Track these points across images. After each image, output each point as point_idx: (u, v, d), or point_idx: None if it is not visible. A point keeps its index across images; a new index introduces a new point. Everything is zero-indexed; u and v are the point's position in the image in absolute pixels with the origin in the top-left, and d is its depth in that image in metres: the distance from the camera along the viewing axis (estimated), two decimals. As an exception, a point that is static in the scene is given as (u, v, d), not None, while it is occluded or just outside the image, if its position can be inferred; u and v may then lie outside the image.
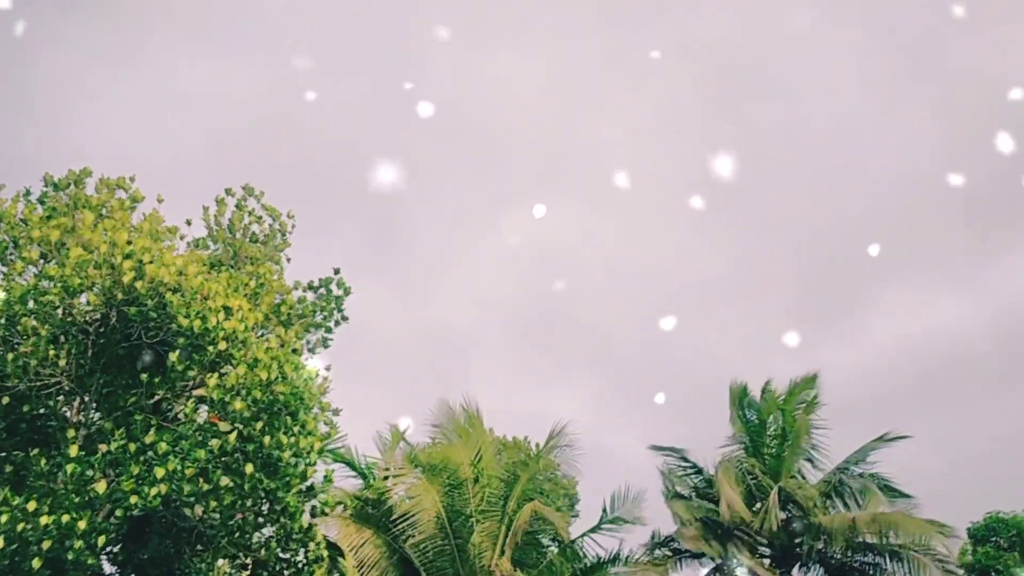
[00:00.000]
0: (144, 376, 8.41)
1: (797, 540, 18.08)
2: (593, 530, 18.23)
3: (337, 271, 11.23)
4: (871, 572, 18.54)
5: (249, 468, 8.11)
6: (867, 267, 43.85)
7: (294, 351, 9.06)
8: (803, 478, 19.34)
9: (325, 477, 10.27)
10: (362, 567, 17.84)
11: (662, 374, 41.51)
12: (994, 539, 19.71)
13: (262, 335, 9.73)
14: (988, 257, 43.08)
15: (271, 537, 10.00)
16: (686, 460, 19.82)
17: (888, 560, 18.25)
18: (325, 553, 10.31)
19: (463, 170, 43.08)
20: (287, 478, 8.49)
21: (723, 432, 20.58)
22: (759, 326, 45.16)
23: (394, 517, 16.98)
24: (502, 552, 17.26)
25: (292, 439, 8.41)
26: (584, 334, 42.68)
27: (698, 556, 19.38)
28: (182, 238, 10.15)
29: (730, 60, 41.58)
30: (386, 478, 19.54)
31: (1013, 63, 36.71)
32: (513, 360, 44.29)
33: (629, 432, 41.99)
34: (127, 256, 8.57)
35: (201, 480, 7.93)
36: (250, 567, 10.04)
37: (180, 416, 8.77)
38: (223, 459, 8.06)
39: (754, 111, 41.82)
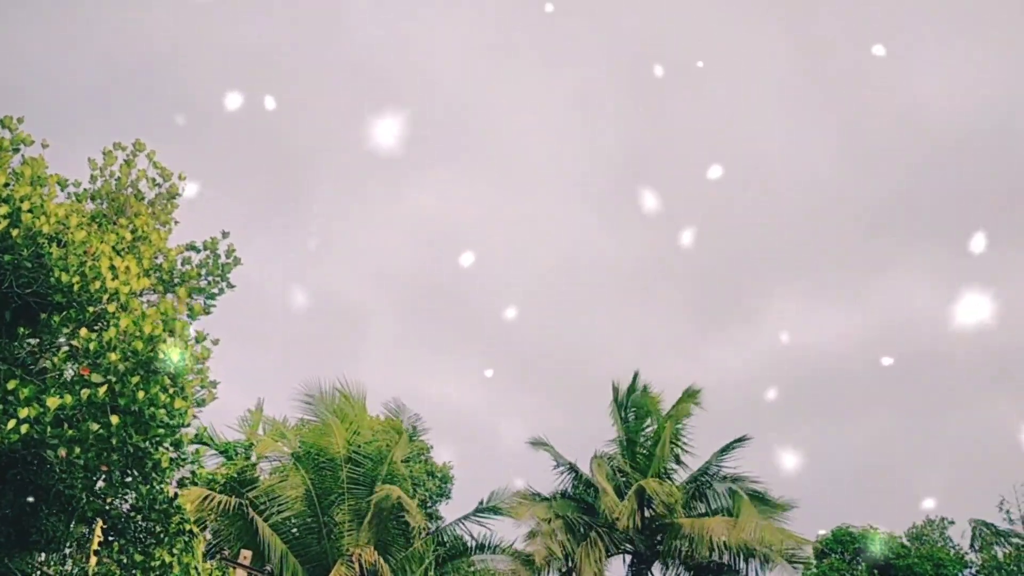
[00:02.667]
0: (19, 330, 8.39)
1: (659, 539, 19.48)
2: (465, 518, 19.03)
3: (226, 234, 11.15)
4: (728, 574, 20.20)
5: (115, 419, 7.97)
6: (763, 274, 46.49)
7: (182, 315, 9.18)
8: (670, 479, 20.76)
9: (197, 437, 10.26)
10: (219, 543, 18.05)
11: (554, 363, 42.79)
12: (840, 551, 21.77)
13: (146, 300, 9.78)
14: (873, 274, 46.37)
15: (134, 506, 10.09)
16: (560, 457, 20.90)
17: (745, 562, 19.93)
18: (189, 527, 10.38)
19: (373, 134, 42.82)
20: (157, 437, 8.42)
21: (606, 428, 21.81)
22: (656, 322, 47.08)
23: (256, 493, 17.21)
24: (367, 535, 17.84)
25: (168, 398, 8.39)
26: (481, 316, 43.47)
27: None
28: (63, 188, 10.04)
29: (649, 54, 43.02)
30: (248, 457, 19.73)
31: (916, 87, 39.75)
32: (406, 336, 44.58)
33: (518, 419, 43.25)
34: (3, 200, 8.53)
35: (66, 425, 7.82)
36: (109, 534, 10.12)
37: (47, 367, 8.72)
38: (92, 410, 7.94)
39: (667, 107, 43.47)
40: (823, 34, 42.75)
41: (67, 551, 11.24)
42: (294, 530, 17.45)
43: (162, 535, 10.38)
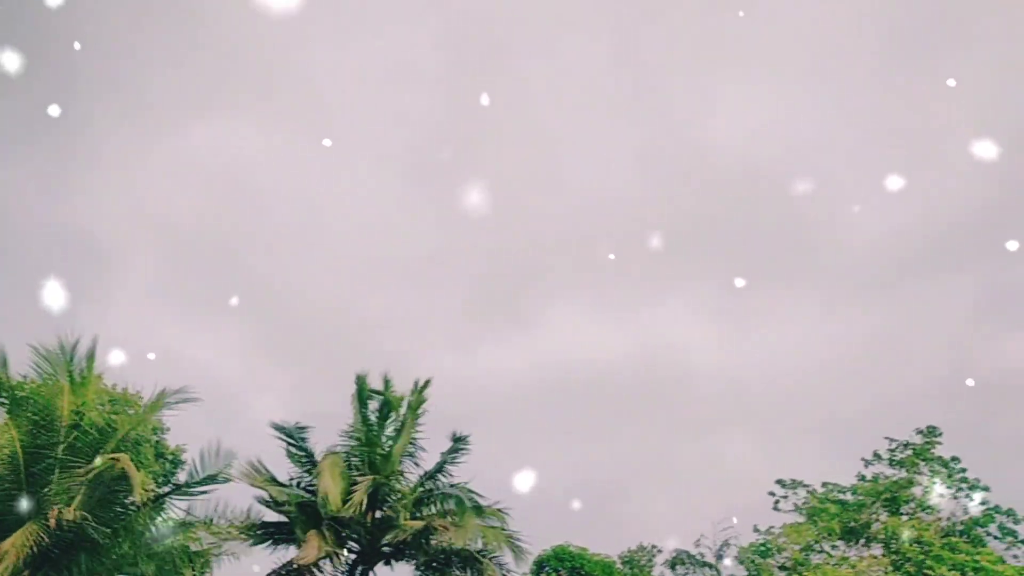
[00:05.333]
0: None
1: (386, 537, 20.56)
2: (181, 489, 19.07)
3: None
4: (450, 572, 21.62)
5: None
6: (547, 281, 49.05)
7: None
8: (404, 478, 21.90)
9: None
10: None
11: (317, 339, 42.86)
12: (558, 569, 23.96)
13: None
14: (651, 296, 50.33)
15: None
16: (300, 445, 21.41)
17: (469, 564, 21.43)
18: None
19: (165, 65, 40.78)
20: None
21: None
22: (438, 312, 48.34)
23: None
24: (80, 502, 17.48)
25: None
26: (247, 278, 42.58)
27: (292, 541, 21.09)
28: None
29: (476, 37, 44.12)
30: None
31: (712, 122, 43.59)
32: (166, 289, 42.82)
33: (276, 396, 42.90)
34: None
35: None
36: None
37: None
38: None
39: (481, 99, 44.72)
40: (646, 58, 45.81)
41: None
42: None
43: None
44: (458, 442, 21.58)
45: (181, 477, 22.36)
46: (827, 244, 44.75)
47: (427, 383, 21.62)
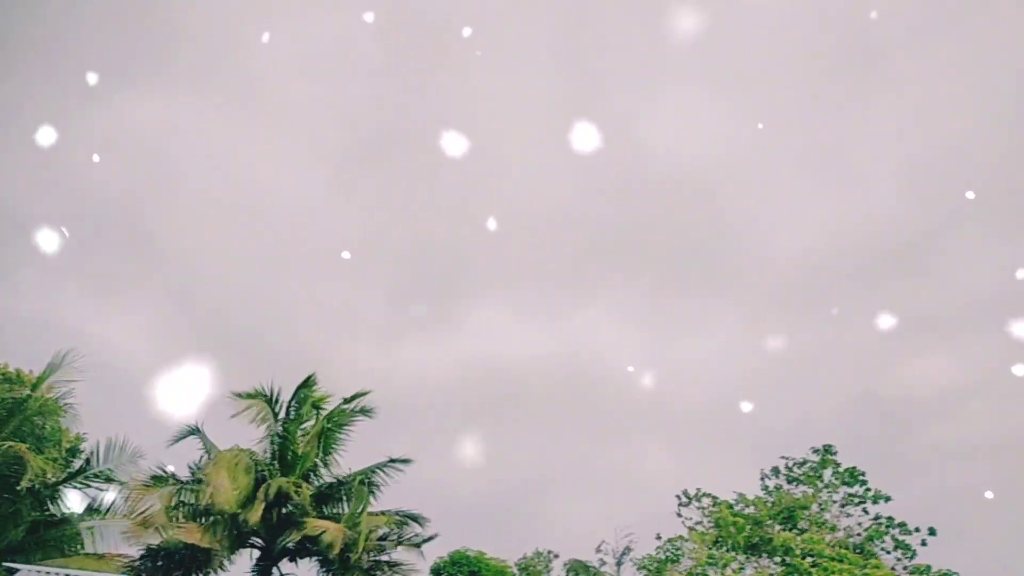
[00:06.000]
0: None
1: (288, 537, 20.39)
2: (71, 479, 18.62)
3: None
4: (353, 571, 21.54)
5: None
6: (474, 279, 49.16)
7: None
8: (317, 479, 21.76)
9: None
10: None
11: (235, 326, 42.15)
12: (455, 572, 24.14)
13: None
14: (578, 300, 50.77)
15: None
16: (201, 441, 21.06)
17: (372, 568, 21.40)
18: None
19: (89, 29, 39.49)
20: None
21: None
22: (364, 306, 47.96)
23: None
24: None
25: None
26: (164, 259, 41.52)
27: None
28: None
29: (425, 26, 43.96)
30: None
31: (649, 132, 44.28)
32: (78, 262, 41.26)
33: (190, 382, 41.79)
34: None
35: None
36: None
37: None
38: None
39: (430, 82, 44.62)
40: (588, 57, 46.22)
41: None
42: None
43: None
44: (394, 461, 21.47)
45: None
46: (752, 258, 45.91)
47: (359, 395, 21.58)
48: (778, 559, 25.36)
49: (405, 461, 21.38)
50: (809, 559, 23.88)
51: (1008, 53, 39.26)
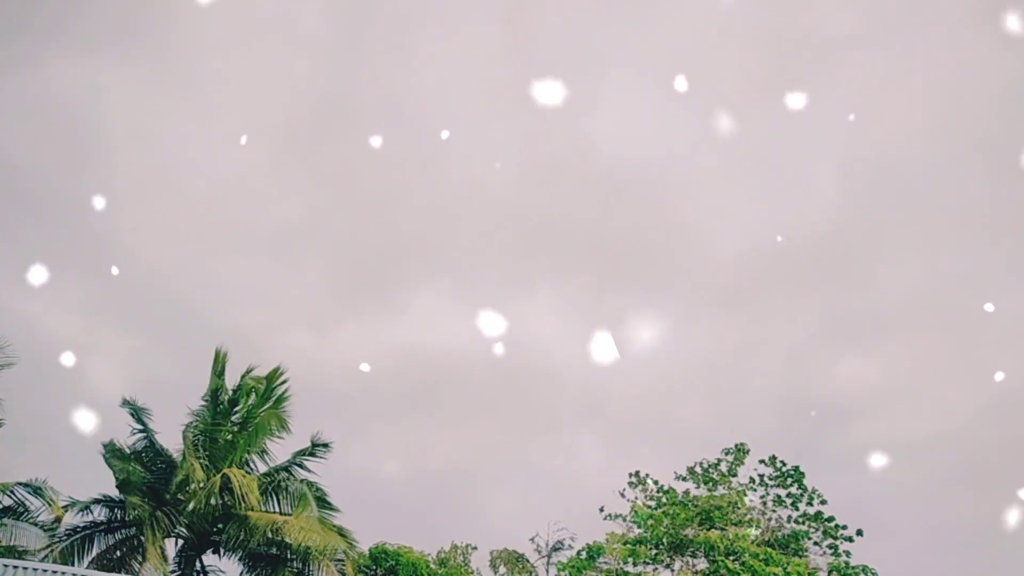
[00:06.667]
0: None
1: (218, 528, 20.03)
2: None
3: None
4: (283, 568, 21.30)
5: None
6: (415, 264, 48.67)
7: None
8: (252, 469, 21.44)
9: None
10: None
11: (164, 304, 40.91)
12: (375, 569, 23.98)
13: None
14: (522, 289, 50.65)
15: None
16: (141, 422, 20.56)
17: (302, 561, 21.14)
18: None
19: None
20: None
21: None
22: (300, 286, 47.02)
23: None
24: None
25: None
26: (90, 231, 39.79)
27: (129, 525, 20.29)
28: None
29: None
30: None
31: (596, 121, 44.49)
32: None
33: (113, 361, 40.71)
34: None
35: None
36: None
37: None
38: None
39: (374, 60, 44.01)
40: (538, 46, 46.11)
41: None
42: None
43: None
44: (316, 447, 21.25)
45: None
46: (691, 255, 46.50)
47: (276, 371, 21.18)
48: (701, 557, 25.82)
49: (325, 446, 21.25)
50: (732, 557, 24.27)
51: (950, 56, 40.39)
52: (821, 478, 30.45)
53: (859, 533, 27.78)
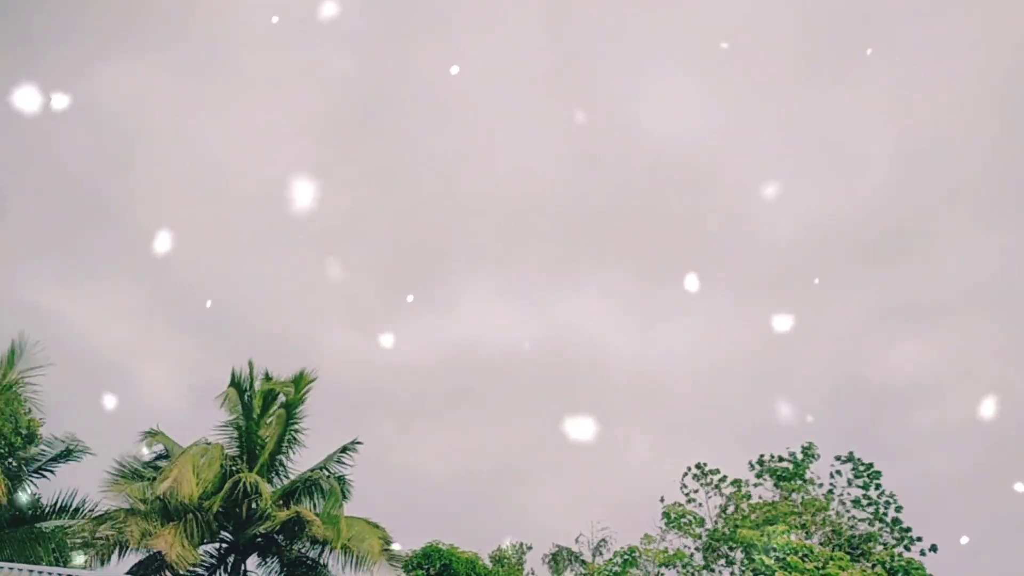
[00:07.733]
0: None
1: (258, 531, 20.41)
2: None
3: None
4: (324, 568, 21.63)
5: None
6: (461, 260, 48.81)
7: None
8: (284, 470, 21.78)
9: None
10: None
11: (210, 308, 41.62)
12: (427, 566, 24.18)
13: None
14: (565, 284, 50.50)
15: None
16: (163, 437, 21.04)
17: (342, 562, 21.41)
18: None
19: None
20: None
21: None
22: (342, 288, 47.41)
23: None
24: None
25: None
26: (138, 237, 40.69)
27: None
28: None
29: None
30: None
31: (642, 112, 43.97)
32: (43, 241, 40.48)
33: (163, 365, 41.68)
34: None
35: None
36: None
37: None
38: None
39: (414, 60, 44.21)
40: (580, 38, 45.83)
41: None
42: None
43: None
44: (347, 448, 21.46)
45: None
46: (741, 241, 45.67)
47: (302, 375, 21.45)
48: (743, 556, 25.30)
49: (352, 448, 21.34)
50: (773, 553, 23.64)
51: (1004, 33, 38.98)
52: (878, 466, 29.60)
53: (933, 549, 26.70)
